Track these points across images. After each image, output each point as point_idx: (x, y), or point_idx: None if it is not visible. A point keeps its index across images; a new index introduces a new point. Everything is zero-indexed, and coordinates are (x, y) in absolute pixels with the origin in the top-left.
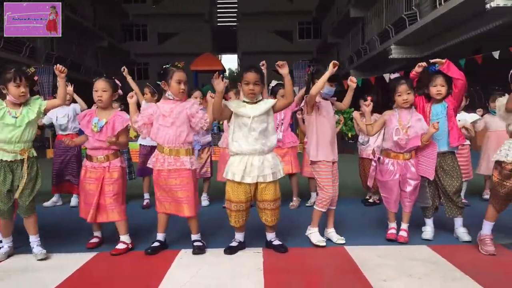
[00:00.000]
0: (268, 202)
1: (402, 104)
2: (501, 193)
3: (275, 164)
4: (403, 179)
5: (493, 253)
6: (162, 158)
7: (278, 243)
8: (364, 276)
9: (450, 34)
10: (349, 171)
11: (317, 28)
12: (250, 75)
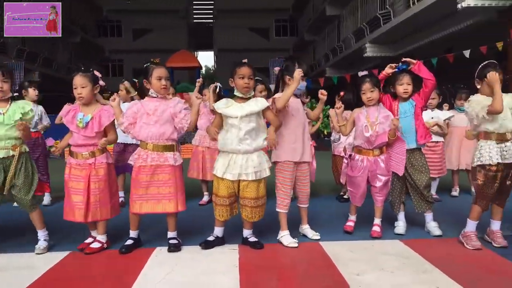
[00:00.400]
0: (249, 199)
1: (367, 102)
2: (489, 194)
3: (259, 163)
4: (372, 175)
5: (480, 247)
6: (145, 154)
7: (254, 239)
8: (338, 270)
9: (423, 33)
10: (324, 168)
11: (293, 25)
12: (245, 69)
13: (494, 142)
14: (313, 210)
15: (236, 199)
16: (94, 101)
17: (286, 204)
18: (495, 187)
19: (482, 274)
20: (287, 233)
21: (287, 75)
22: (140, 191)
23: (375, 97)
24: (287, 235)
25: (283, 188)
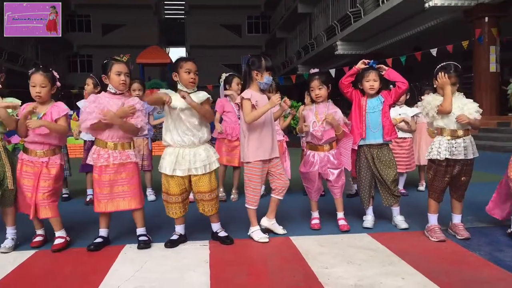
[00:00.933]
0: (203, 193)
1: (315, 98)
2: (439, 188)
3: (207, 156)
4: (324, 170)
5: (443, 239)
6: (106, 154)
7: (224, 234)
8: (307, 264)
9: (392, 32)
10: (294, 164)
11: (265, 22)
12: (192, 64)
13: (445, 138)
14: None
15: (187, 195)
16: (49, 100)
17: (256, 201)
18: (445, 181)
19: (446, 265)
20: (258, 229)
21: (254, 70)
22: (105, 190)
23: (323, 94)
24: (258, 230)
25: (252, 185)
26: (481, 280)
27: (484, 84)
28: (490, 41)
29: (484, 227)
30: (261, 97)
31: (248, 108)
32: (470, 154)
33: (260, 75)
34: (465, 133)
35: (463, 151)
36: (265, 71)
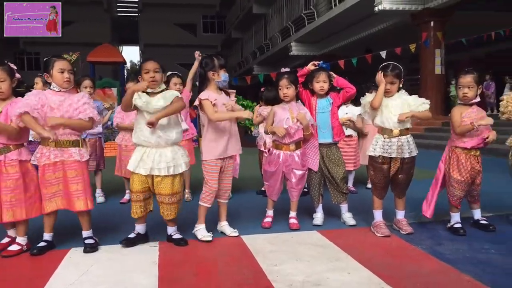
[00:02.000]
0: (164, 196)
1: (283, 97)
2: (379, 184)
3: (173, 158)
4: (288, 170)
5: (388, 234)
6: (48, 151)
7: (179, 236)
8: (256, 262)
9: (344, 34)
10: (248, 164)
11: (221, 22)
12: (150, 64)
13: (382, 136)
14: (235, 205)
15: (150, 194)
16: (10, 96)
17: (210, 199)
18: (382, 178)
19: (389, 259)
20: (203, 227)
21: (209, 71)
22: (50, 189)
23: (291, 94)
24: (203, 228)
25: (209, 184)
26: (422, 273)
27: (430, 86)
28: (435, 44)
29: (426, 222)
30: (219, 96)
31: (211, 107)
32: (406, 153)
33: (216, 74)
34: (402, 133)
35: (398, 149)
36: (220, 69)
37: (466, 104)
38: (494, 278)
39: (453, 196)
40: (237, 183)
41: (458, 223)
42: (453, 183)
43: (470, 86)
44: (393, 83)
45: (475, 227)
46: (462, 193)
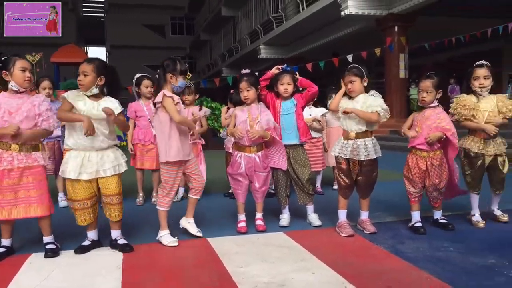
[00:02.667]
0: (112, 196)
1: (243, 100)
2: (342, 184)
3: (116, 158)
4: (251, 172)
5: (352, 234)
6: (10, 156)
7: (124, 242)
8: (223, 265)
9: (312, 37)
10: (216, 166)
11: (190, 24)
12: (81, 66)
13: (342, 138)
14: (201, 207)
15: (97, 199)
16: None
17: (168, 202)
18: (344, 178)
19: (353, 258)
20: (167, 233)
21: (169, 73)
22: (8, 196)
23: (251, 96)
24: (167, 234)
25: (168, 187)
26: (384, 271)
27: (394, 89)
28: (399, 49)
29: (390, 221)
30: (177, 99)
31: (174, 106)
32: (362, 155)
33: (174, 78)
34: (358, 136)
35: (353, 151)
36: (179, 75)
37: (424, 108)
38: (453, 276)
39: (408, 192)
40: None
41: (419, 222)
42: (404, 179)
43: (428, 90)
44: (352, 82)
45: (435, 226)
46: (413, 189)
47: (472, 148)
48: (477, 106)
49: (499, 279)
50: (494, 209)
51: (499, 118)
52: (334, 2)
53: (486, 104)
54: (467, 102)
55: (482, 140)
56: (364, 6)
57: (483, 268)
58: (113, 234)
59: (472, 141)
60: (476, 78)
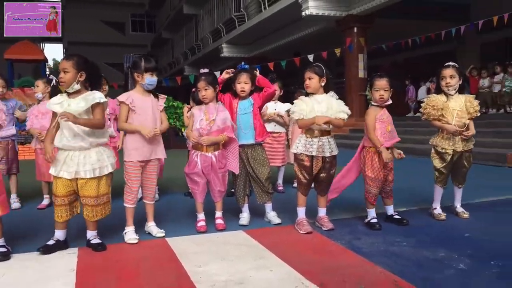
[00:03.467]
0: (89, 198)
1: (202, 99)
2: (303, 181)
3: (98, 160)
4: (207, 171)
5: (310, 231)
6: None
7: (97, 241)
8: (181, 264)
9: (275, 37)
10: (177, 165)
11: (151, 21)
12: (60, 63)
13: (304, 136)
14: (164, 206)
15: (76, 197)
16: None
17: (132, 199)
18: (306, 174)
19: (310, 255)
20: (131, 229)
21: (135, 72)
22: None
23: (209, 95)
24: (130, 231)
25: (129, 183)
26: (340, 266)
27: (354, 89)
28: (358, 49)
29: (347, 218)
30: (142, 99)
31: (123, 114)
32: (327, 152)
33: (141, 76)
34: (322, 134)
35: (318, 149)
36: (145, 72)
37: (379, 106)
38: (404, 269)
39: (369, 193)
40: (165, 184)
41: (374, 219)
42: (368, 181)
43: (385, 88)
44: (310, 78)
45: (389, 221)
46: (376, 190)
47: (443, 144)
48: (446, 105)
49: (448, 271)
50: (456, 206)
51: (466, 119)
52: (295, 3)
53: (455, 103)
54: (435, 102)
55: (451, 137)
56: (324, 7)
57: (434, 261)
58: (88, 234)
59: (442, 138)
60: (443, 78)
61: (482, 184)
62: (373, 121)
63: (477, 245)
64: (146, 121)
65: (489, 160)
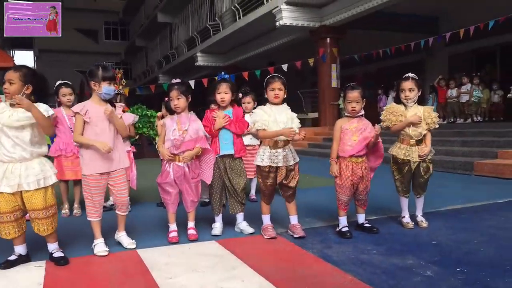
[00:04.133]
0: (37, 211)
1: (174, 108)
2: (266, 190)
3: (41, 170)
4: (180, 181)
5: (274, 236)
6: None
7: (60, 255)
8: (151, 276)
9: (249, 46)
10: (150, 175)
11: (124, 29)
12: (6, 74)
13: (268, 147)
14: (135, 217)
15: (23, 213)
16: None
17: (96, 212)
18: (270, 185)
19: (282, 264)
20: (100, 241)
21: (91, 81)
22: None
23: (181, 105)
24: (100, 243)
25: (91, 198)
26: (311, 275)
27: (327, 98)
28: (331, 59)
29: (319, 227)
30: (98, 109)
31: (79, 125)
32: (291, 160)
33: (97, 85)
34: (285, 143)
35: (283, 159)
36: (102, 81)
37: (350, 117)
38: (373, 277)
39: (338, 200)
40: (137, 195)
41: (346, 227)
42: (337, 188)
43: (357, 100)
44: (280, 89)
45: (360, 230)
46: (345, 197)
47: (398, 154)
48: (405, 114)
49: (415, 278)
50: (417, 215)
51: (423, 129)
52: (269, 13)
53: (413, 113)
54: (395, 109)
55: (408, 147)
56: (298, 18)
57: (402, 268)
58: (49, 248)
59: (399, 148)
60: (402, 90)
61: (450, 192)
62: (338, 132)
63: (444, 252)
64: (103, 133)
65: (457, 168)
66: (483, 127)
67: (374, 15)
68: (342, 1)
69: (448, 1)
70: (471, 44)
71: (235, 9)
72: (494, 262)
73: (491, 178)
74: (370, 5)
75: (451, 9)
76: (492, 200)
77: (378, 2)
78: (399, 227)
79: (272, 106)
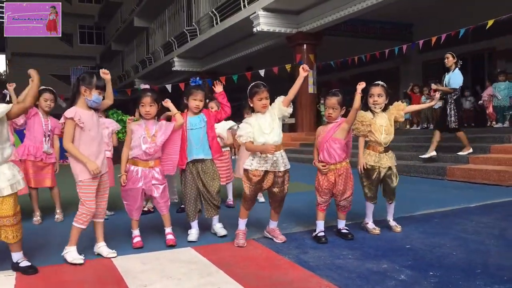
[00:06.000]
0: (7, 218)
1: (145, 115)
2: (248, 195)
3: (13, 175)
4: (148, 186)
5: (243, 245)
6: None
7: (26, 264)
8: (126, 284)
9: (227, 51)
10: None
11: (100, 33)
12: None
13: (258, 152)
14: (111, 224)
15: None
16: None
17: (87, 220)
18: (252, 189)
19: (258, 270)
20: (74, 249)
21: (83, 86)
22: None
23: (153, 112)
24: (73, 250)
25: (87, 205)
26: (287, 281)
27: (304, 104)
28: (308, 65)
29: (296, 232)
30: (88, 114)
31: (69, 131)
32: (281, 167)
33: (88, 91)
34: (277, 148)
35: (273, 164)
36: (94, 89)
37: (329, 123)
38: (348, 282)
39: (317, 202)
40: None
41: (322, 232)
42: (315, 191)
43: (334, 107)
44: (267, 98)
45: (337, 235)
46: (321, 199)
47: (368, 161)
48: (374, 122)
49: (390, 282)
50: (389, 220)
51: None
52: (246, 18)
53: (381, 120)
54: (364, 118)
55: (377, 154)
56: (275, 24)
57: (377, 273)
58: (14, 257)
59: (368, 155)
60: (371, 95)
61: (423, 196)
62: (316, 137)
63: (417, 256)
64: (97, 137)
65: (430, 174)
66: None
67: (350, 22)
68: (318, 8)
69: (422, 9)
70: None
71: (212, 14)
72: (466, 265)
73: (463, 183)
74: (346, 13)
75: (425, 17)
76: (464, 205)
77: (354, 9)
78: None
79: (258, 115)
